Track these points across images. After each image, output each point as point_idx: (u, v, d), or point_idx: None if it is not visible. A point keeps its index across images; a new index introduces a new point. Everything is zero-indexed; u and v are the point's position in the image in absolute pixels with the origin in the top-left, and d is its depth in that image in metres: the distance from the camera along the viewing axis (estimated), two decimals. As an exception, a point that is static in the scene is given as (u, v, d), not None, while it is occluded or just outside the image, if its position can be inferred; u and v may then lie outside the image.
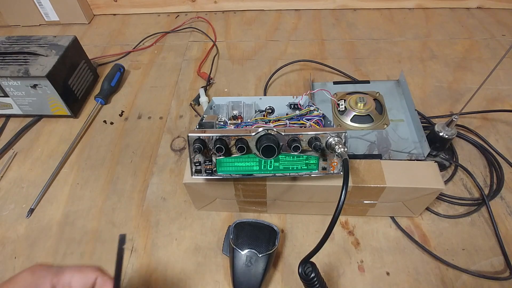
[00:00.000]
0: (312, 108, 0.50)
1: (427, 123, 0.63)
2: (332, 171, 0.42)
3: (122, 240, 0.31)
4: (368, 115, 0.55)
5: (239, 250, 0.44)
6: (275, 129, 0.38)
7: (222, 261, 0.48)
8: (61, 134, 0.67)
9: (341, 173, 0.42)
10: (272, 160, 0.40)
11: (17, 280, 0.28)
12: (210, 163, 0.41)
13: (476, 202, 0.53)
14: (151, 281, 0.47)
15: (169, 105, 0.71)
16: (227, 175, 0.42)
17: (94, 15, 0.99)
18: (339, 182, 0.44)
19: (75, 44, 0.69)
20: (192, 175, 0.41)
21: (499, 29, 0.85)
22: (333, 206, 0.33)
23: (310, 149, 0.39)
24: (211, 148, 0.39)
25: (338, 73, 0.75)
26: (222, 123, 0.48)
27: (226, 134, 0.38)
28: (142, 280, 0.47)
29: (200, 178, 0.44)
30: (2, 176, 0.61)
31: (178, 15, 0.97)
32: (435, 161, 0.46)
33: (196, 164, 0.41)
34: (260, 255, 0.43)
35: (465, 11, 0.91)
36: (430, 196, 0.45)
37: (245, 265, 0.43)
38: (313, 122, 0.47)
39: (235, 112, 0.53)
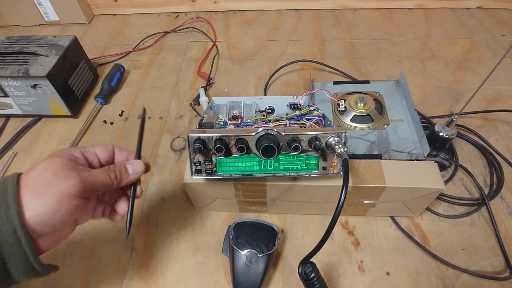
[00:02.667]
0: (312, 108, 0.50)
1: (427, 123, 0.63)
2: (332, 171, 0.42)
3: (144, 112, 0.40)
4: (368, 115, 0.55)
5: (239, 250, 0.44)
6: (275, 129, 0.38)
7: (222, 261, 0.48)
8: (61, 134, 0.67)
9: (341, 173, 0.42)
10: (272, 160, 0.41)
11: (51, 155, 0.31)
12: (210, 163, 0.41)
13: (476, 202, 0.53)
14: (151, 281, 0.47)
15: (169, 105, 0.71)
16: (227, 175, 0.42)
17: (94, 15, 0.99)
18: (339, 182, 0.44)
19: (75, 44, 0.69)
20: (192, 175, 0.41)
21: (499, 29, 0.85)
22: (333, 206, 0.33)
23: (310, 149, 0.39)
24: (211, 148, 0.39)
25: (338, 73, 0.75)
26: (222, 123, 0.48)
27: (226, 134, 0.38)
28: (142, 280, 0.47)
29: (200, 178, 0.44)
30: (2, 176, 0.61)
31: (178, 15, 0.97)
32: (435, 161, 0.46)
33: (196, 164, 0.41)
34: (260, 255, 0.43)
35: (465, 11, 0.91)
36: (430, 196, 0.45)
37: (245, 265, 0.43)
38: (313, 122, 0.47)
39: (235, 112, 0.53)
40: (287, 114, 0.52)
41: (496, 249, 0.48)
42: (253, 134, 0.38)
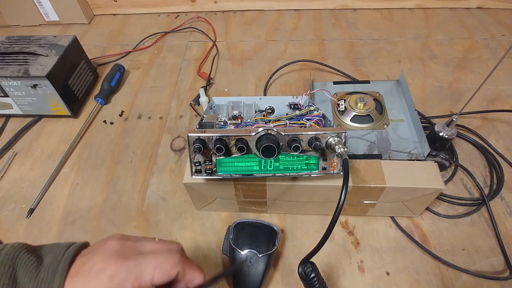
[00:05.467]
0: (312, 108, 0.50)
1: (427, 123, 0.63)
2: (332, 171, 0.42)
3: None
4: (368, 115, 0.55)
5: (239, 250, 0.44)
6: (275, 129, 0.38)
7: (222, 261, 0.48)
8: (61, 134, 0.67)
9: (341, 173, 0.42)
10: (272, 160, 0.40)
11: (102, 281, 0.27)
12: (210, 163, 0.41)
13: (476, 202, 0.53)
14: (151, 281, 0.47)
15: (169, 105, 0.71)
16: (227, 175, 0.42)
17: (94, 15, 0.99)
18: (339, 182, 0.44)
19: (75, 44, 0.69)
20: (192, 175, 0.41)
21: (499, 29, 0.85)
22: (333, 206, 0.33)
23: (310, 149, 0.39)
24: (211, 148, 0.39)
25: (338, 73, 0.75)
26: (222, 123, 0.48)
27: (226, 134, 0.38)
28: (142, 280, 0.47)
29: (200, 178, 0.44)
30: (2, 176, 0.61)
31: (178, 15, 0.97)
32: (435, 161, 0.46)
33: (196, 164, 0.41)
34: (260, 255, 0.43)
35: (465, 11, 0.91)
36: (430, 196, 0.45)
37: (245, 265, 0.43)
38: (313, 122, 0.47)
39: (235, 112, 0.53)
40: (287, 114, 0.52)
41: (496, 249, 0.48)
42: (253, 134, 0.38)
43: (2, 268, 0.25)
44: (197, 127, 0.44)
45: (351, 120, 0.55)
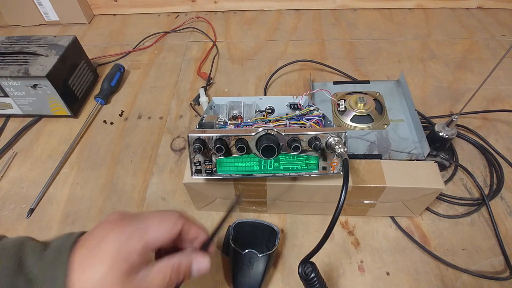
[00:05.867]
0: (312, 108, 0.50)
1: (427, 123, 0.63)
2: (332, 171, 0.42)
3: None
4: (368, 115, 0.55)
5: (239, 250, 0.44)
6: (275, 129, 0.38)
7: (222, 261, 0.48)
8: (61, 134, 0.67)
9: (341, 173, 0.42)
10: (272, 160, 0.41)
11: (108, 253, 0.27)
12: (210, 163, 0.41)
13: (476, 202, 0.53)
14: (151, 281, 0.47)
15: (169, 105, 0.71)
16: (227, 175, 0.42)
17: (94, 15, 0.99)
18: (339, 182, 0.44)
19: (75, 44, 0.69)
20: (192, 175, 0.41)
21: (499, 29, 0.85)
22: (333, 206, 0.33)
23: (310, 149, 0.39)
24: (211, 148, 0.39)
25: (338, 73, 0.75)
26: (222, 123, 0.48)
27: (226, 134, 0.38)
28: (142, 280, 0.47)
29: (200, 178, 0.44)
30: (2, 176, 0.61)
31: (178, 15, 0.97)
32: (435, 161, 0.46)
33: (196, 164, 0.41)
34: (260, 255, 0.43)
35: (465, 11, 0.91)
36: (430, 196, 0.45)
37: (245, 265, 0.43)
38: (313, 122, 0.47)
39: (235, 112, 0.53)
40: (287, 114, 0.52)
41: (496, 249, 0.48)
42: (253, 134, 0.38)
43: (9, 252, 0.26)
44: (197, 127, 0.44)
45: (351, 120, 0.55)
